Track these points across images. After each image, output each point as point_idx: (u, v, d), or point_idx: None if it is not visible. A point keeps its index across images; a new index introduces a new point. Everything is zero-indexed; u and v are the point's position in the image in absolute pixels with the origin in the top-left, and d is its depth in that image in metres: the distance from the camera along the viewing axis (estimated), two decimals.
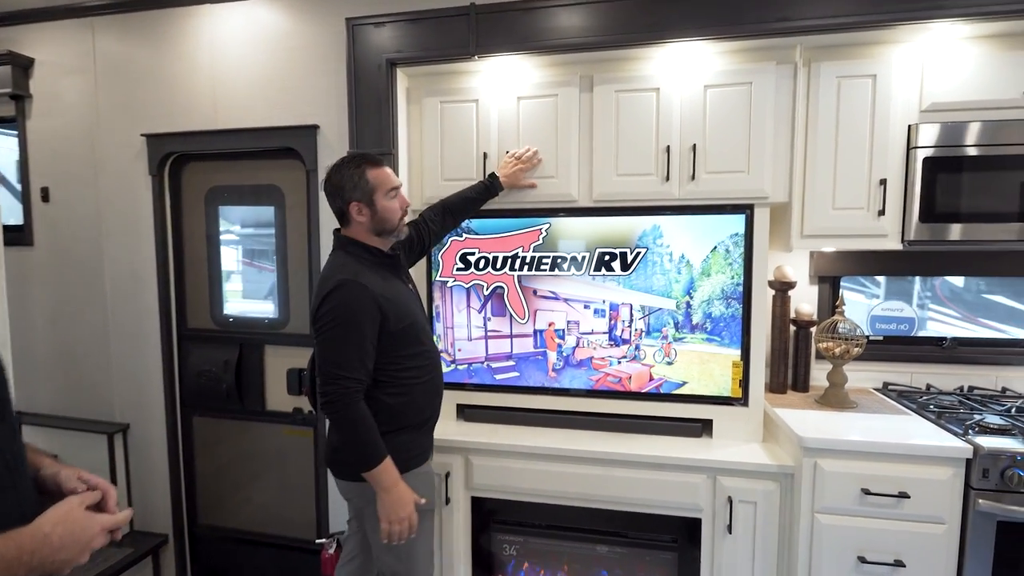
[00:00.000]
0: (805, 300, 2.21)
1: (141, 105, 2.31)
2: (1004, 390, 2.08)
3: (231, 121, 2.22)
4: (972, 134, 1.77)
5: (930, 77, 1.79)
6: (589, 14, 1.85)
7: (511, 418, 2.15)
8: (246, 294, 2.43)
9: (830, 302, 2.24)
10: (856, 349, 1.94)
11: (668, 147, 1.90)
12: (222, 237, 2.42)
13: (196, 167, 2.38)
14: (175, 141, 2.28)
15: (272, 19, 2.14)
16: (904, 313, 2.27)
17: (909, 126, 1.81)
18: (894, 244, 1.85)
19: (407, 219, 1.65)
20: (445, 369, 2.19)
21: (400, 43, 1.97)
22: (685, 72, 1.89)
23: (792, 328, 2.17)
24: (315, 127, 2.13)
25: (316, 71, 2.12)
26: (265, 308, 2.40)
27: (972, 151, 1.77)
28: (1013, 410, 1.84)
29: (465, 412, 2.20)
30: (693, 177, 1.90)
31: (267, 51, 2.16)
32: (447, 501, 2.01)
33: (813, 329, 2.15)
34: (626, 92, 1.94)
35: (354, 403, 1.47)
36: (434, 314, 2.20)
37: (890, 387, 2.16)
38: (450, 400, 2.19)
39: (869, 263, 2.17)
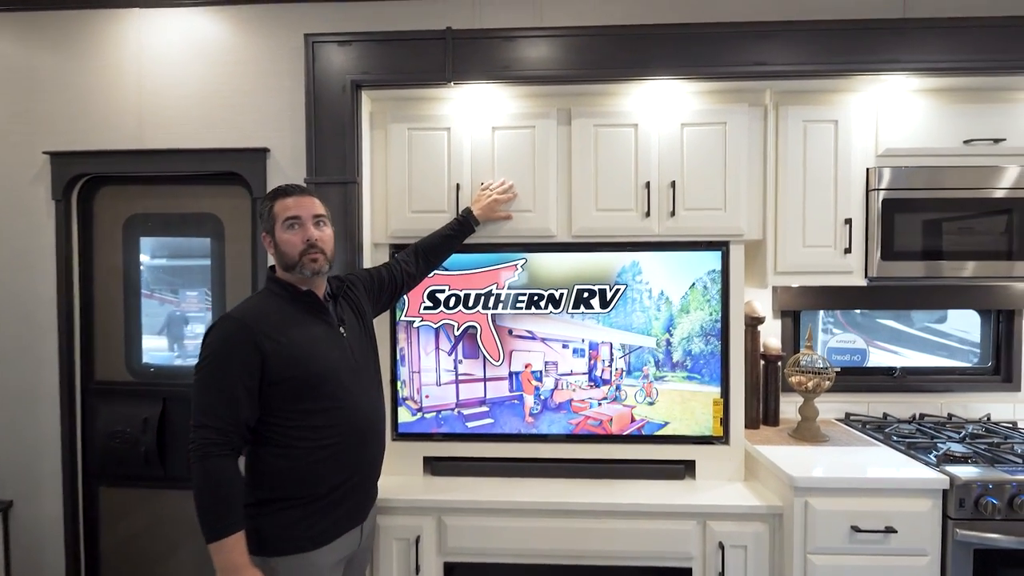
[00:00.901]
0: (770, 334, 2.25)
1: (44, 118, 1.97)
2: (950, 416, 2.21)
3: (161, 140, 1.94)
4: (921, 178, 1.90)
5: (884, 125, 1.91)
6: (569, 47, 1.81)
7: (485, 469, 1.98)
8: (172, 339, 2.10)
9: (793, 336, 2.30)
10: (827, 383, 1.99)
11: (648, 183, 1.88)
12: (144, 273, 2.09)
13: (113, 192, 2.05)
14: (87, 161, 1.96)
15: (216, 29, 1.92)
16: (856, 344, 2.38)
17: (868, 169, 1.92)
18: (859, 280, 1.93)
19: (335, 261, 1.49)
20: (409, 418, 1.99)
21: (367, 64, 1.82)
22: (663, 110, 1.89)
23: (761, 363, 2.19)
24: (264, 150, 1.90)
25: (267, 89, 1.91)
26: (195, 355, 2.07)
27: (921, 194, 1.90)
28: (967, 437, 1.94)
29: (433, 466, 2.00)
30: (673, 213, 1.88)
31: (208, 64, 1.92)
32: (416, 571, 1.78)
33: (780, 363, 2.18)
34: (605, 127, 1.90)
35: (208, 456, 1.22)
36: (398, 357, 2.00)
37: (852, 417, 2.24)
38: (416, 453, 1.99)
39: (830, 298, 2.26)
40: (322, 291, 1.46)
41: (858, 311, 2.38)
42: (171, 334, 2.11)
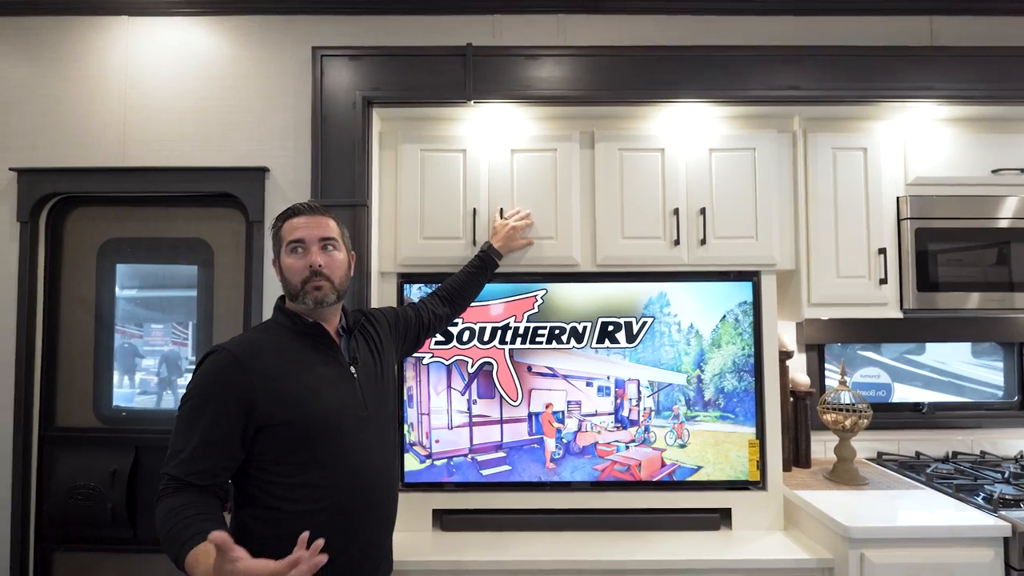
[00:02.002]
0: (797, 369, 2.15)
1: (14, 132, 1.77)
2: (983, 453, 2.12)
3: (145, 158, 1.76)
4: (952, 207, 1.85)
5: (913, 153, 1.86)
6: (594, 67, 1.72)
7: (501, 523, 1.78)
8: (147, 379, 1.87)
9: (818, 371, 2.20)
10: (864, 421, 1.87)
11: (676, 210, 1.78)
12: (119, 305, 1.87)
13: (87, 214, 1.85)
14: (58, 179, 1.76)
15: (212, 41, 1.77)
16: (880, 379, 2.29)
17: (898, 198, 1.86)
18: (894, 312, 1.84)
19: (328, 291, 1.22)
20: (417, 466, 1.79)
21: (380, 80, 1.69)
22: (690, 134, 1.81)
23: (790, 400, 2.07)
24: (263, 170, 1.74)
25: (268, 106, 1.76)
26: (173, 397, 1.85)
27: (954, 223, 1.84)
28: (1010, 477, 1.85)
29: (444, 520, 1.79)
30: (704, 241, 1.78)
31: (203, 78, 1.76)
32: None
33: (808, 400, 2.07)
34: (630, 151, 1.81)
35: (162, 499, 1.02)
36: (405, 398, 1.81)
37: (884, 457, 2.12)
38: (425, 505, 1.79)
39: (857, 331, 2.18)
40: (335, 324, 1.28)
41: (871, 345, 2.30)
42: (148, 375, 1.88)
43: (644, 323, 1.82)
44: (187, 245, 1.82)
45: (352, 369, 1.24)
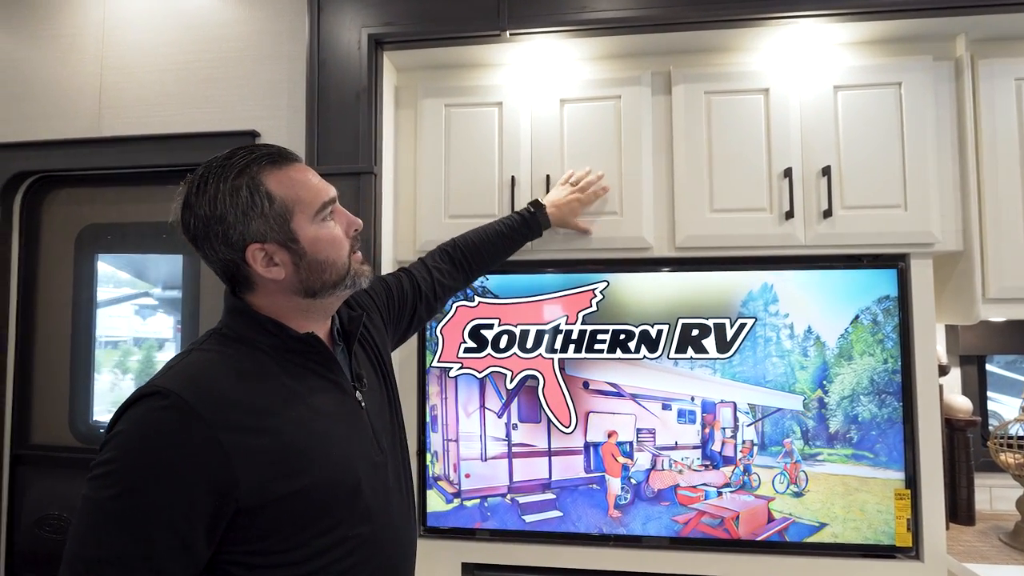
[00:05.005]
0: (952, 390, 1.60)
1: None
2: None
3: (122, 126, 1.47)
4: None
5: None
6: None
7: None
8: (127, 387, 1.59)
9: (979, 391, 1.64)
10: None
11: (788, 171, 1.30)
12: (100, 303, 1.60)
13: (68, 196, 1.59)
14: (30, 155, 1.50)
15: None
16: None
17: None
18: None
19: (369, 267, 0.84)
20: (442, 506, 1.41)
21: (390, 13, 1.32)
22: (805, 68, 1.33)
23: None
24: (252, 134, 1.41)
25: (257, 56, 1.44)
26: None
27: None
28: None
29: (476, 575, 1.40)
30: (828, 214, 1.28)
31: (185, 27, 1.47)
32: None
33: (971, 432, 1.52)
34: (721, 94, 1.35)
35: None
36: (428, 420, 1.43)
37: None
38: (452, 557, 1.40)
39: None
40: (327, 328, 0.84)
41: None
42: (135, 386, 1.60)
43: (742, 326, 1.35)
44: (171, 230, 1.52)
45: (358, 394, 0.82)
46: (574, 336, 1.40)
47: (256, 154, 0.73)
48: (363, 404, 0.82)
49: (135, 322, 1.65)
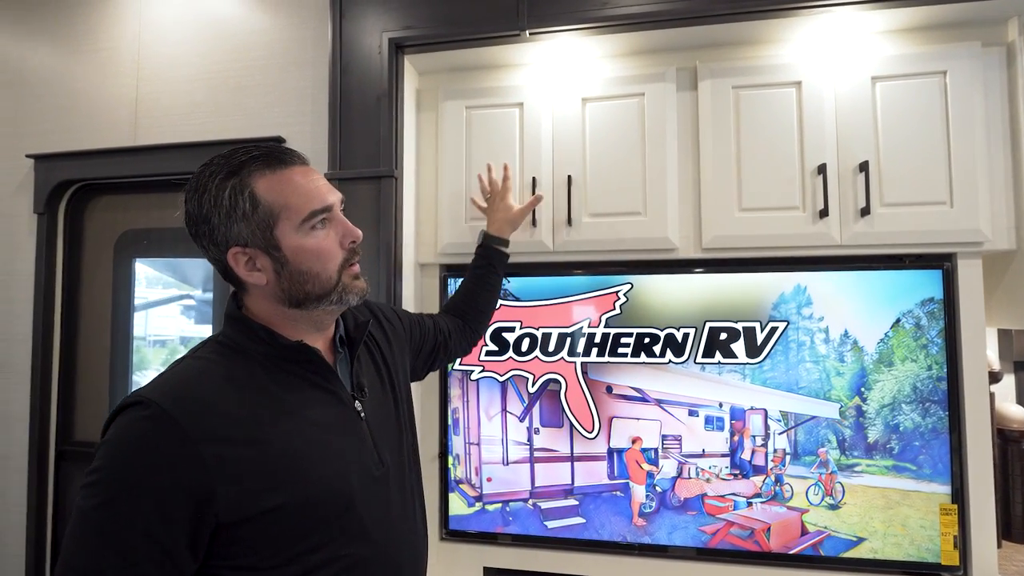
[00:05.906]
0: (1005, 398, 1.50)
1: (31, 117, 1.62)
2: None
3: (157, 135, 1.53)
4: None
5: None
6: None
7: None
8: None
9: None
10: None
11: (823, 167, 1.24)
12: (148, 304, 1.67)
13: (108, 204, 1.66)
14: (73, 164, 1.57)
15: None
16: None
17: None
18: None
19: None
20: (464, 509, 1.40)
21: (411, 17, 1.32)
22: (840, 58, 1.27)
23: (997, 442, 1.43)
24: (278, 139, 1.44)
25: (283, 64, 1.46)
26: None
27: None
28: None
29: None
30: (865, 211, 1.22)
31: (214, 37, 1.51)
32: None
33: None
34: (750, 88, 1.30)
35: None
36: (450, 422, 1.43)
37: None
38: (473, 561, 1.39)
39: None
40: (328, 337, 0.81)
41: None
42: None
43: (773, 330, 1.29)
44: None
45: (357, 405, 0.79)
46: (597, 339, 1.37)
47: (253, 154, 0.72)
48: (363, 415, 0.78)
49: (181, 322, 1.71)
